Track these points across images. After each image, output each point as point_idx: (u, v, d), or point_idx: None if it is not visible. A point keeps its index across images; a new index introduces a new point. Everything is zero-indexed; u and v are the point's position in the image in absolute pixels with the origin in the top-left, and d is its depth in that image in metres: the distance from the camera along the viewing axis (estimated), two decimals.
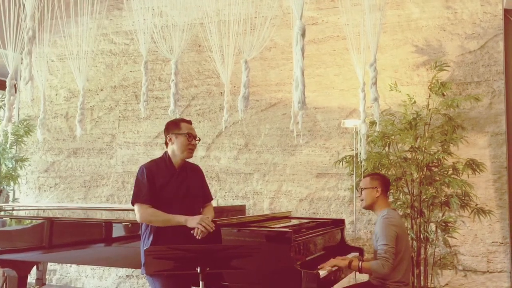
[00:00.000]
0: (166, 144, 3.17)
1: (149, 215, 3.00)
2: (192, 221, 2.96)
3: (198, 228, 2.93)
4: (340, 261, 3.30)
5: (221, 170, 5.99)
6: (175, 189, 3.08)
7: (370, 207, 3.45)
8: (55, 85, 6.98)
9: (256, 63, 5.75)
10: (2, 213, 4.75)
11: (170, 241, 2.96)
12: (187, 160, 3.21)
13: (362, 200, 3.49)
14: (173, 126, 3.15)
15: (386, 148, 4.78)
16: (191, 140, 3.11)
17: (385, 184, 3.47)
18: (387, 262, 3.12)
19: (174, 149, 3.12)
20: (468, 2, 5.24)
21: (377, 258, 3.20)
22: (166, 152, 3.18)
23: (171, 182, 3.09)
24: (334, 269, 3.25)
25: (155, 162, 3.18)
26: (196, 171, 3.31)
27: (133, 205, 3.07)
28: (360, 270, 3.24)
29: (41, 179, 6.88)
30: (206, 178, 3.43)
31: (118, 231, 3.88)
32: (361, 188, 3.50)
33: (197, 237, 2.93)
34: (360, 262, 3.25)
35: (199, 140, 3.21)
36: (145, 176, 3.04)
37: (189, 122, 3.21)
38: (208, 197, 3.33)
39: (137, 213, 3.03)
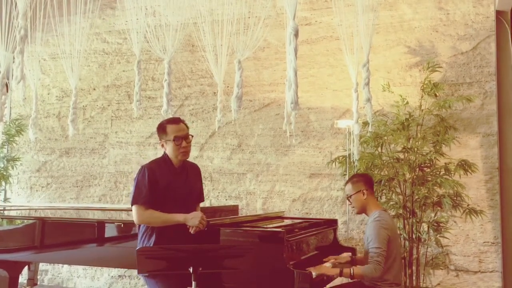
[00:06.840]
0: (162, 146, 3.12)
1: (148, 217, 2.96)
2: (192, 220, 2.94)
3: (198, 227, 2.93)
4: (329, 270, 3.27)
5: (214, 170, 5.98)
6: (179, 189, 3.05)
7: (362, 211, 3.42)
8: (47, 84, 6.94)
9: (250, 63, 5.75)
10: None
11: (172, 241, 2.92)
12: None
13: (353, 207, 3.46)
14: (161, 132, 3.08)
15: (379, 149, 4.80)
16: (180, 143, 3.01)
17: (367, 182, 3.41)
18: (379, 265, 3.12)
19: (168, 153, 3.08)
20: (461, 4, 5.27)
21: (369, 261, 3.20)
22: (165, 153, 3.11)
23: (174, 182, 3.04)
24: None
25: (156, 162, 3.11)
26: (195, 170, 3.28)
27: (131, 206, 3.02)
28: (352, 277, 3.21)
29: (33, 179, 6.84)
30: None
31: (110, 231, 3.87)
32: (347, 196, 3.47)
33: (191, 232, 2.94)
34: (352, 270, 3.19)
35: (192, 136, 3.11)
36: (146, 177, 2.97)
37: (176, 122, 3.09)
38: (202, 197, 3.32)
39: (135, 214, 2.98)
